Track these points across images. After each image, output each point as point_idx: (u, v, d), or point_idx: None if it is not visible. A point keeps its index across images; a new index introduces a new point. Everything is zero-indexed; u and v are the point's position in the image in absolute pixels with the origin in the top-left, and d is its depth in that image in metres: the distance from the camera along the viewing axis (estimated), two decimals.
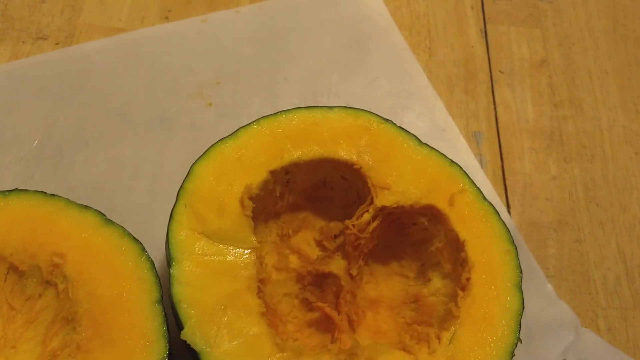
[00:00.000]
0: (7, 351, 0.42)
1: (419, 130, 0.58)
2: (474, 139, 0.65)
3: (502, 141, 0.65)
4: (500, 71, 0.69)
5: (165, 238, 0.45)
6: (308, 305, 0.50)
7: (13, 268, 0.43)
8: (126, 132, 0.60)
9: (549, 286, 0.56)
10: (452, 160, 0.52)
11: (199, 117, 0.62)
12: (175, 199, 0.46)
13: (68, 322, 0.42)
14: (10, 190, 0.46)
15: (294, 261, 0.52)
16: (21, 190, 0.46)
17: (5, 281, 0.44)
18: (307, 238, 0.54)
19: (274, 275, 0.51)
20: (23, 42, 0.64)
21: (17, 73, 0.62)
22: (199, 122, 0.62)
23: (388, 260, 0.54)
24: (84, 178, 0.57)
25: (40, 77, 0.62)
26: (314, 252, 0.52)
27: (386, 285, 0.53)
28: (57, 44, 0.65)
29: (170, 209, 0.46)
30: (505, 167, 0.64)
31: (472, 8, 0.73)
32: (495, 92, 0.68)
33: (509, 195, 0.62)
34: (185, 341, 0.40)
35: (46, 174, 0.56)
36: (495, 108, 0.67)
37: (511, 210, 0.61)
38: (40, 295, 0.44)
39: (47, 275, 0.43)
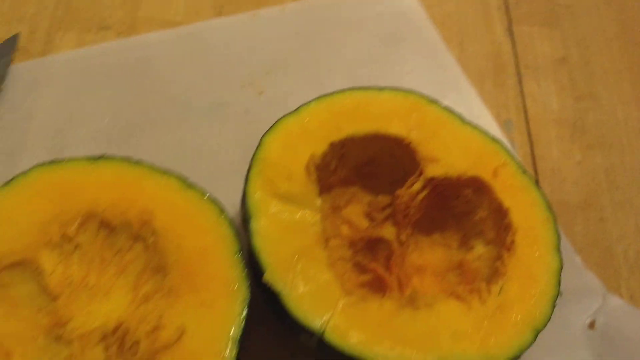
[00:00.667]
0: (101, 297, 0.47)
1: None
2: (504, 127, 0.70)
3: (531, 129, 0.70)
4: (526, 66, 0.75)
5: (235, 203, 0.50)
6: (360, 269, 0.55)
7: (104, 224, 0.48)
8: (187, 117, 0.65)
9: (578, 258, 0.61)
10: (494, 137, 0.57)
11: (252, 104, 0.67)
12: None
13: (157, 271, 0.46)
14: (97, 157, 0.50)
15: (344, 230, 0.57)
16: (108, 156, 0.51)
17: (97, 236, 0.48)
18: (356, 211, 0.59)
19: (330, 242, 0.56)
20: (88, 31, 0.70)
21: (83, 60, 0.67)
22: (252, 108, 0.67)
23: (431, 231, 0.58)
24: (149, 158, 0.62)
25: (105, 64, 0.67)
26: (361, 222, 0.57)
27: (430, 254, 0.58)
28: (119, 34, 0.70)
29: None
30: (534, 153, 0.69)
31: (497, 9, 0.79)
32: (523, 85, 0.73)
33: (539, 178, 0.67)
34: (262, 287, 0.45)
35: (118, 151, 0.61)
36: (523, 99, 0.72)
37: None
38: (130, 248, 0.48)
39: (137, 230, 0.47)
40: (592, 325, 0.56)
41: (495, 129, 0.68)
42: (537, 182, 0.67)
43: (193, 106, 0.66)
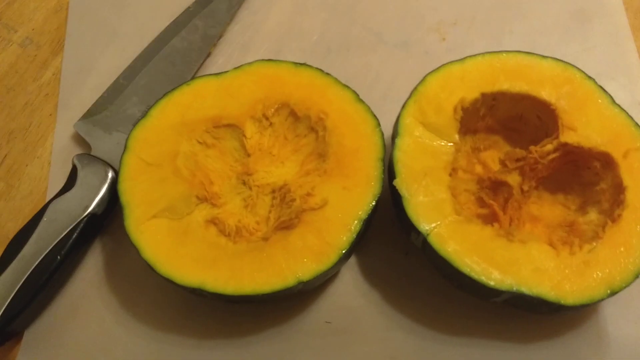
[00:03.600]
0: (278, 164, 0.64)
1: (617, 99, 0.67)
2: None
3: None
4: None
5: (388, 123, 0.63)
6: (481, 203, 0.65)
7: (292, 114, 0.64)
8: (377, 47, 0.78)
9: None
10: (637, 123, 0.61)
11: (432, 48, 0.78)
12: (404, 100, 0.63)
13: (320, 156, 0.62)
14: (300, 63, 0.66)
15: (478, 169, 0.67)
16: (307, 65, 0.66)
17: (286, 120, 0.65)
18: (493, 156, 0.68)
19: (461, 175, 0.66)
20: None
21: None
22: (432, 51, 0.78)
23: (556, 192, 0.66)
24: (339, 73, 0.75)
25: None
26: (495, 166, 0.66)
27: (549, 210, 0.65)
28: None
29: (397, 108, 0.63)
30: None
31: None
32: None
33: None
34: (394, 188, 0.58)
35: (315, 63, 0.76)
36: None
37: None
38: (305, 135, 0.64)
39: (313, 124, 0.63)
40: None
41: None
42: None
43: (384, 39, 0.79)
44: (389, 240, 0.66)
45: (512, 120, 0.67)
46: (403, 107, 0.62)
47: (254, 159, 0.63)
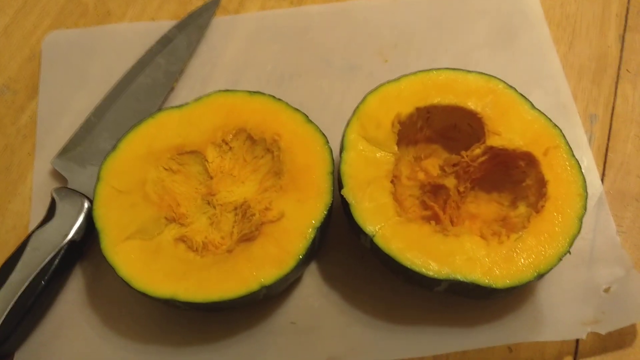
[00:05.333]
0: (239, 184, 0.71)
1: (543, 104, 0.73)
2: (589, 119, 0.81)
3: (613, 125, 0.80)
4: (627, 70, 0.83)
5: (339, 139, 0.70)
6: (424, 205, 0.72)
7: (249, 137, 0.71)
8: (326, 72, 0.86)
9: (618, 238, 0.72)
10: (555, 124, 0.69)
11: (377, 69, 0.86)
12: (343, 121, 0.70)
13: (276, 174, 0.68)
14: (254, 92, 0.73)
15: (420, 175, 0.74)
16: (261, 92, 0.73)
17: (244, 144, 0.72)
18: (433, 163, 0.75)
19: (405, 182, 0.74)
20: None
21: (263, 20, 0.90)
22: (376, 72, 0.86)
23: (491, 191, 0.73)
24: (294, 97, 0.82)
25: (277, 25, 0.89)
26: (435, 172, 0.74)
27: (485, 207, 0.73)
28: (291, 3, 0.92)
29: (341, 125, 0.70)
30: (609, 145, 0.79)
31: (616, 16, 0.87)
32: (618, 86, 0.82)
33: (606, 167, 0.78)
34: (342, 197, 0.65)
35: (271, 90, 0.83)
36: (615, 98, 0.82)
37: (605, 179, 0.77)
38: (262, 156, 0.71)
39: (269, 145, 0.69)
40: (607, 290, 0.68)
41: (577, 119, 0.79)
42: (603, 170, 0.77)
43: (332, 65, 0.86)
44: (346, 247, 0.72)
45: (447, 130, 0.75)
46: (347, 124, 0.70)
47: (217, 181, 0.70)
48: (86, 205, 0.70)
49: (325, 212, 0.65)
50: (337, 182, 0.68)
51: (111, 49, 0.88)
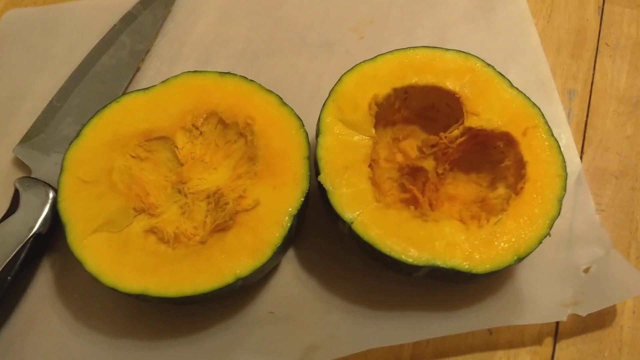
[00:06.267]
0: (211, 170, 0.68)
1: (521, 80, 0.72)
2: (568, 95, 0.80)
3: (592, 101, 0.79)
4: (606, 44, 0.82)
5: (316, 121, 0.68)
6: (403, 188, 0.70)
7: (221, 121, 0.68)
8: (301, 49, 0.83)
9: (597, 217, 0.71)
10: (534, 103, 0.68)
11: (353, 46, 0.83)
12: (320, 102, 0.68)
13: (250, 160, 0.66)
14: (225, 72, 0.70)
15: (399, 157, 0.72)
16: (232, 73, 0.70)
17: (215, 128, 0.69)
18: (411, 144, 0.73)
19: (383, 164, 0.72)
20: None
21: None
22: (352, 50, 0.83)
23: (469, 171, 0.72)
24: (267, 77, 0.79)
25: (249, 1, 0.86)
26: (414, 154, 0.72)
27: (463, 188, 0.71)
28: None
29: (317, 106, 0.68)
30: (588, 121, 0.78)
31: None
32: (597, 60, 0.81)
33: (585, 144, 0.77)
34: (319, 183, 0.63)
35: (243, 70, 0.80)
36: (593, 73, 0.80)
37: (584, 156, 0.76)
38: (235, 141, 0.68)
39: (242, 129, 0.67)
40: (587, 270, 0.68)
41: (555, 96, 0.78)
42: (582, 147, 0.76)
43: (307, 42, 0.84)
44: (323, 233, 0.71)
45: (425, 110, 0.73)
46: (323, 107, 0.67)
47: (187, 168, 0.67)
48: (51, 195, 0.67)
49: (302, 199, 0.63)
50: (314, 167, 0.66)
51: (73, 28, 0.83)
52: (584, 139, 0.77)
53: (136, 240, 0.61)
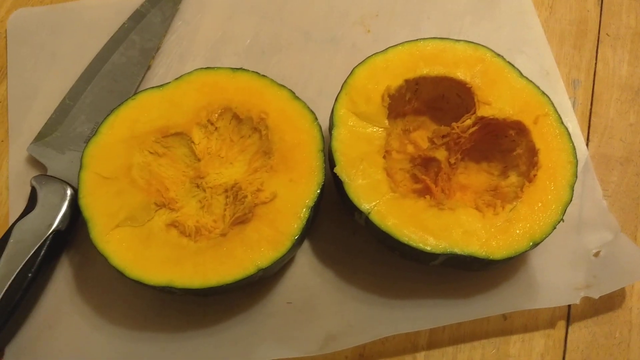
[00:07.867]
0: (227, 165, 0.69)
1: (527, 70, 0.73)
2: (572, 84, 0.81)
3: (595, 90, 0.80)
4: (607, 34, 0.83)
5: (325, 115, 0.69)
6: (415, 179, 0.71)
7: (235, 117, 0.69)
8: (307, 45, 0.84)
9: (604, 202, 0.73)
10: (543, 92, 0.69)
11: (359, 40, 0.84)
12: (337, 92, 0.69)
13: (265, 154, 0.67)
14: (237, 68, 0.71)
15: (410, 149, 0.74)
16: (244, 69, 0.71)
17: (230, 123, 0.70)
18: (422, 135, 0.74)
19: (395, 156, 0.73)
20: None
21: None
22: (359, 44, 0.84)
23: (480, 161, 0.73)
24: (275, 73, 0.80)
25: None
26: (425, 145, 0.73)
27: (475, 177, 0.73)
28: None
29: (332, 101, 0.69)
30: (592, 110, 0.79)
31: None
32: (599, 50, 0.83)
33: (590, 132, 0.78)
34: (335, 175, 0.64)
35: (251, 65, 0.80)
36: (596, 63, 0.82)
37: (589, 143, 0.78)
38: (249, 136, 0.69)
39: (256, 124, 0.68)
40: (597, 254, 0.69)
41: (560, 85, 0.79)
42: (587, 135, 0.78)
43: (313, 37, 0.84)
44: (337, 223, 0.72)
45: (435, 101, 0.74)
46: (336, 100, 0.68)
47: (204, 163, 0.68)
48: (69, 192, 0.67)
49: (318, 192, 0.64)
50: (329, 160, 0.67)
51: (81, 27, 0.84)
52: (589, 127, 0.78)
53: (158, 234, 0.62)
